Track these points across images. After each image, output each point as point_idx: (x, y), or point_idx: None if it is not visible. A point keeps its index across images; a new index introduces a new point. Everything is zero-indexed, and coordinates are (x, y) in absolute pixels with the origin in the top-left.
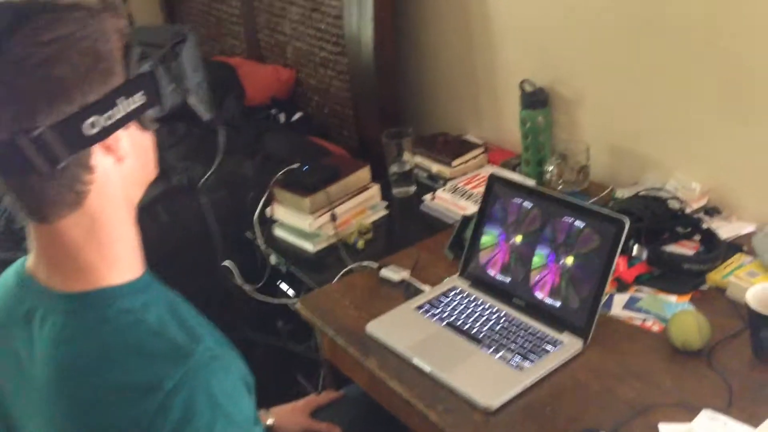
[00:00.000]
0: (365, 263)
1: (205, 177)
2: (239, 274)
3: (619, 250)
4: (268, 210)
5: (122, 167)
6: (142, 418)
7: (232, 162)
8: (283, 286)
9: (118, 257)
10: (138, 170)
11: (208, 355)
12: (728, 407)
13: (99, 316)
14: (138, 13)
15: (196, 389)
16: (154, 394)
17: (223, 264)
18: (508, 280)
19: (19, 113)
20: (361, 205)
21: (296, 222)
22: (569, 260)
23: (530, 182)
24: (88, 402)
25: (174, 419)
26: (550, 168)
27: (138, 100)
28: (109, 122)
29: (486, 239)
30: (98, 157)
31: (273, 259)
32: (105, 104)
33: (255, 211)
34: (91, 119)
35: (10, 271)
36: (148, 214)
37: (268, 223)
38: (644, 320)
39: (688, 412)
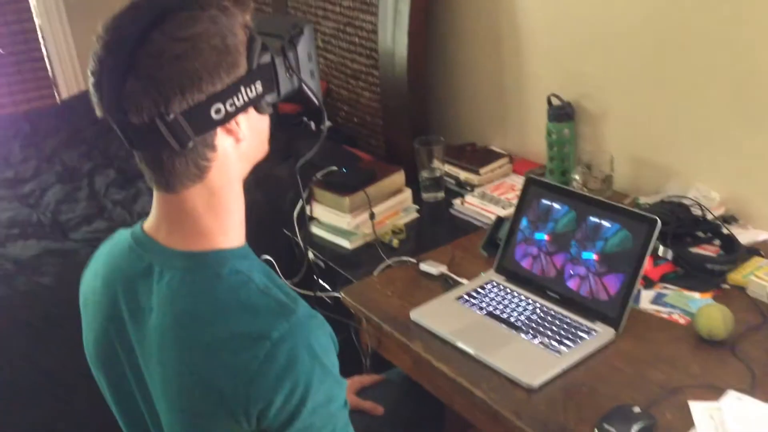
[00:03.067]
0: (404, 258)
1: (305, 158)
2: (278, 269)
3: (651, 246)
4: (306, 209)
5: (240, 147)
6: (252, 362)
7: (266, 164)
8: (320, 282)
9: (230, 225)
10: (253, 150)
11: (308, 314)
12: (752, 390)
13: (214, 274)
14: None
15: (299, 341)
16: (262, 342)
17: (264, 258)
18: (542, 274)
19: (158, 101)
20: (395, 207)
21: (335, 220)
22: (602, 256)
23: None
24: (203, 347)
25: (279, 365)
26: (576, 177)
27: (257, 88)
28: (232, 108)
29: (522, 236)
30: (220, 138)
31: (311, 255)
32: (229, 93)
33: (293, 210)
34: (216, 105)
35: (124, 234)
36: None
37: (304, 222)
38: (671, 314)
39: (714, 393)
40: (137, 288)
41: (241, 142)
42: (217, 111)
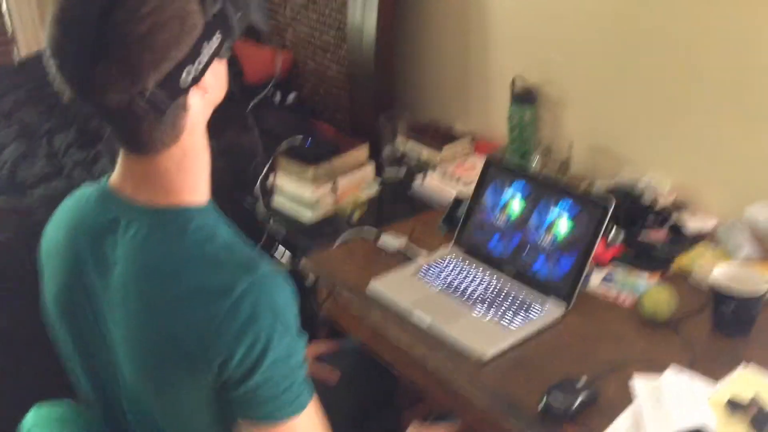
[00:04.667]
0: (365, 228)
1: (256, 99)
2: None
3: (604, 228)
4: (270, 178)
5: (206, 97)
6: (215, 316)
7: (230, 133)
8: (278, 253)
9: (197, 181)
10: (217, 95)
11: (271, 270)
12: (691, 366)
13: (180, 228)
14: None
15: (262, 296)
16: (226, 296)
17: None
18: (499, 251)
19: (134, 81)
20: (357, 180)
21: (298, 191)
22: (556, 236)
23: None
24: (167, 299)
25: (242, 319)
26: (535, 160)
27: (216, 39)
28: (200, 67)
29: (480, 214)
30: (191, 95)
31: (272, 224)
32: (194, 54)
33: (256, 179)
34: (186, 69)
35: (90, 189)
36: None
37: (266, 192)
38: (619, 294)
39: (656, 369)
40: (103, 241)
41: (208, 93)
42: (188, 73)
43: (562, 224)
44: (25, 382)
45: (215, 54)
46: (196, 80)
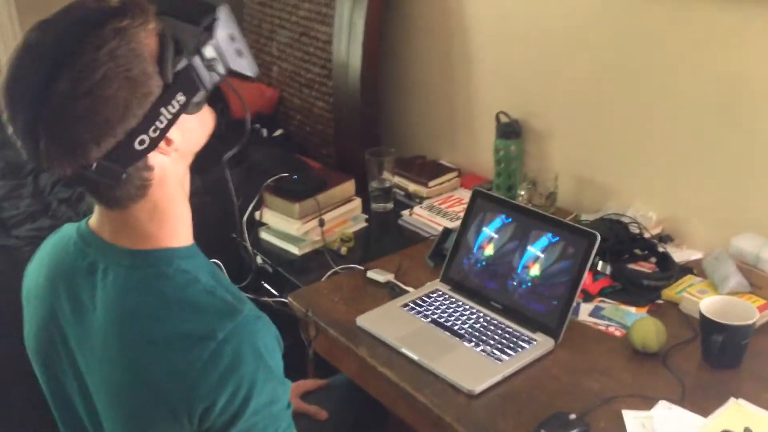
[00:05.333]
0: (351, 265)
1: (232, 151)
2: (226, 272)
3: (591, 260)
4: (256, 214)
5: (176, 154)
6: (196, 362)
7: (217, 170)
8: (267, 287)
9: (175, 229)
10: (192, 147)
11: (253, 315)
12: (681, 400)
13: (160, 272)
14: None
15: (244, 341)
16: (207, 342)
17: (212, 262)
18: (486, 285)
19: (74, 158)
20: (344, 215)
21: (284, 226)
22: (544, 269)
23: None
24: (147, 344)
25: (224, 365)
26: (522, 192)
27: (179, 100)
28: (156, 133)
29: (467, 248)
30: (154, 156)
31: (259, 260)
32: (149, 120)
33: (243, 215)
34: (139, 138)
35: (70, 230)
36: None
37: (253, 227)
38: (607, 326)
39: (646, 403)
40: (78, 285)
41: (177, 151)
42: (141, 142)
43: (549, 258)
44: (11, 425)
45: (179, 113)
46: (154, 144)
